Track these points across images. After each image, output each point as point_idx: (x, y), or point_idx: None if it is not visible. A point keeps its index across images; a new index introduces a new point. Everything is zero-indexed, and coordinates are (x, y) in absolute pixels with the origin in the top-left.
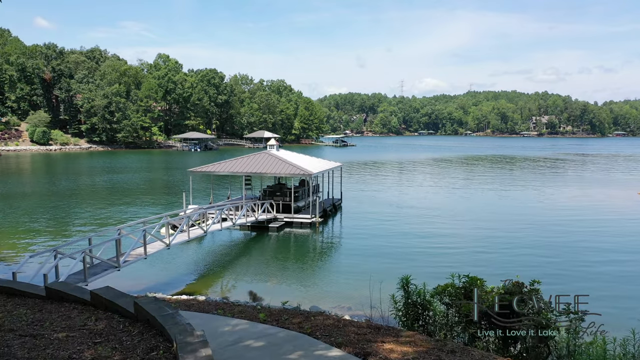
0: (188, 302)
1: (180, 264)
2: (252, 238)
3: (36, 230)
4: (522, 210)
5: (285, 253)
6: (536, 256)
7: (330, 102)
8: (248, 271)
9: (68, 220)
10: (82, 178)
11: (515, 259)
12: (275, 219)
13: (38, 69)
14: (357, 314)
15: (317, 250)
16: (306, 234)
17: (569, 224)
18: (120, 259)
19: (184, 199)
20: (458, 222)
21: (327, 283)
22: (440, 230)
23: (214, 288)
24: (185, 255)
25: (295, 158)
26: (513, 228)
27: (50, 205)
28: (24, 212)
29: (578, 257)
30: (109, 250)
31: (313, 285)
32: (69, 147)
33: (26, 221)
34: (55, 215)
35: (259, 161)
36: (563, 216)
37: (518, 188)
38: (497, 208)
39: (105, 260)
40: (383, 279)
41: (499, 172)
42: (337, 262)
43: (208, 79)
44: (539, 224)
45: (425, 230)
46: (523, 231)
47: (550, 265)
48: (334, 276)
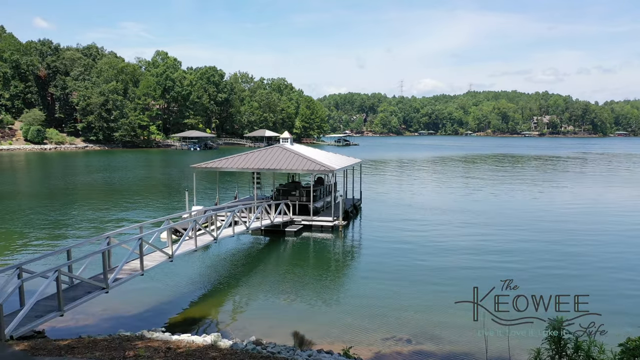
0: (205, 352)
1: (185, 280)
2: (266, 245)
3: (10, 237)
4: (570, 214)
5: (308, 264)
6: (610, 271)
7: (330, 102)
8: (269, 290)
9: (51, 225)
10: (75, 178)
11: (586, 273)
12: (291, 221)
13: (33, 66)
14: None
15: (346, 261)
16: (328, 240)
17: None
18: (109, 276)
19: (187, 199)
20: (499, 228)
21: (371, 308)
22: (481, 237)
23: (230, 317)
24: (190, 268)
25: (312, 153)
26: (570, 237)
27: (36, 206)
28: (3, 214)
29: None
30: (96, 264)
31: (353, 312)
32: (64, 146)
33: (3, 225)
34: (38, 219)
35: (271, 156)
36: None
37: (550, 188)
38: (539, 211)
39: (88, 280)
40: (434, 301)
41: (521, 171)
42: (374, 279)
43: (207, 76)
44: (605, 232)
45: (464, 238)
46: (584, 242)
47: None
48: (377, 300)
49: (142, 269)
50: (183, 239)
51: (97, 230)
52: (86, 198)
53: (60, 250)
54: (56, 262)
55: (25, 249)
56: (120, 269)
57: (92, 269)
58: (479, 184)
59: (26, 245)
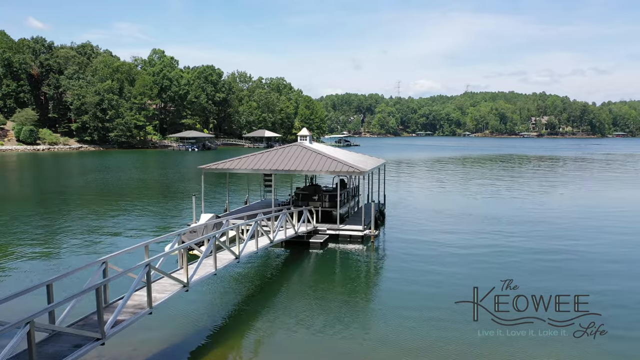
0: None
1: (198, 307)
2: (288, 259)
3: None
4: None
5: (341, 285)
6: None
7: (327, 103)
8: (297, 319)
9: (34, 241)
10: (68, 180)
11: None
12: (315, 231)
13: (25, 64)
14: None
15: (386, 282)
16: (359, 253)
17: None
18: (106, 320)
19: (194, 205)
20: (555, 236)
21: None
22: (532, 244)
23: (253, 352)
24: (202, 291)
25: (334, 152)
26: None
27: (21, 215)
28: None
29: None
30: (87, 302)
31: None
32: (57, 146)
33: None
34: (21, 231)
35: (290, 156)
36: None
37: (588, 190)
38: (592, 218)
39: (74, 330)
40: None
41: (545, 172)
42: (429, 305)
43: (205, 75)
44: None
45: (515, 248)
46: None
47: None
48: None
49: (150, 306)
50: (200, 261)
51: (90, 246)
52: (79, 204)
53: (39, 285)
54: (33, 304)
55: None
56: (121, 310)
57: (83, 307)
58: (502, 185)
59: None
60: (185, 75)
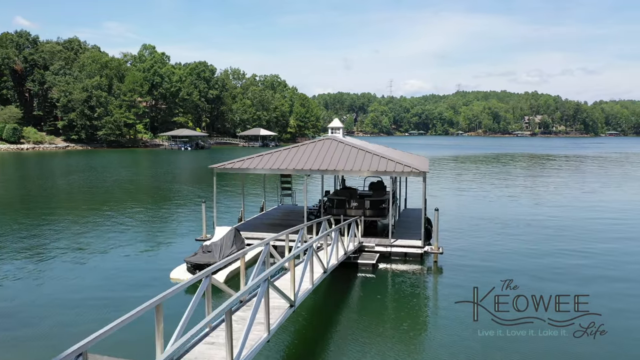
0: None
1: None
2: (334, 288)
3: None
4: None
5: (410, 326)
6: None
7: (320, 102)
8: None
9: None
10: (52, 182)
11: None
12: (361, 248)
13: (8, 59)
14: None
15: (473, 321)
16: (423, 278)
17: None
18: None
19: (204, 214)
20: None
21: None
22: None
23: None
24: None
25: (374, 148)
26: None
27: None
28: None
29: None
30: None
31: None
32: (43, 145)
33: None
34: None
35: (323, 152)
36: None
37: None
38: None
39: None
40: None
41: (581, 172)
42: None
43: (198, 72)
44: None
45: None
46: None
47: None
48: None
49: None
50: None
51: (77, 275)
52: (70, 212)
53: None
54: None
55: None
56: None
57: None
58: (541, 186)
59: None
60: (177, 72)
